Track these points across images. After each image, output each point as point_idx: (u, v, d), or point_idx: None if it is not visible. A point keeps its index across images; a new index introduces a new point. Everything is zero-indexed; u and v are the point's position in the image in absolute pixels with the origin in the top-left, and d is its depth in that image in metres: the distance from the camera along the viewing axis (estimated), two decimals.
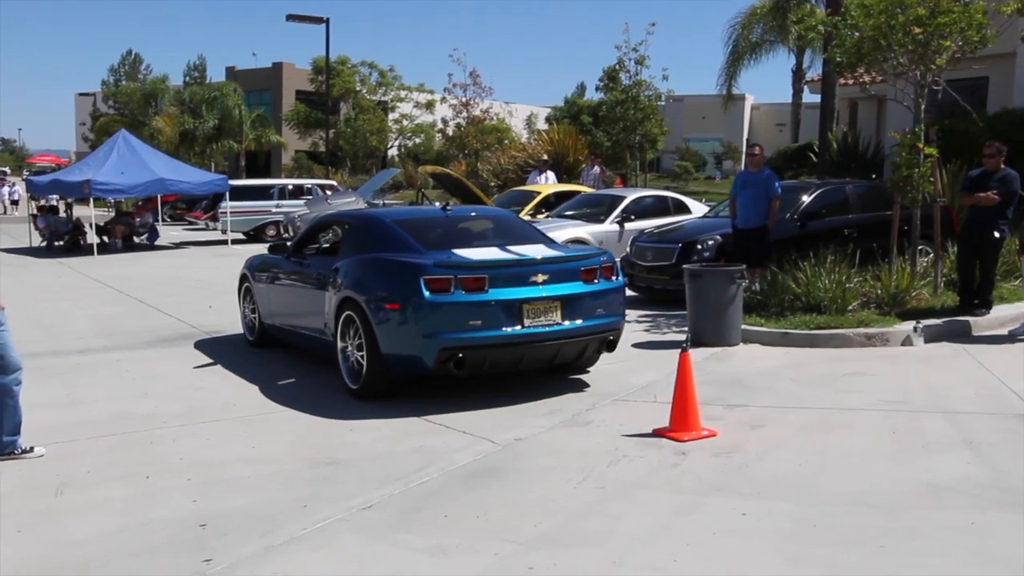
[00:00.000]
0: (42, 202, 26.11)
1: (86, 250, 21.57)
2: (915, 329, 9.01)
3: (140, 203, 26.71)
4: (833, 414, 6.66)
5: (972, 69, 12.60)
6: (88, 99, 69.51)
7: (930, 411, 6.62)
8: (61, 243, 22.66)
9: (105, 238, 22.69)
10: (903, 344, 8.91)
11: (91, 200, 22.11)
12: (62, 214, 24.81)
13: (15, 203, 42.31)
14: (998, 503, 4.81)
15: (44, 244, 22.84)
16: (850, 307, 9.57)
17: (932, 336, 9.05)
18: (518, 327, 6.86)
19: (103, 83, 75.14)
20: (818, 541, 4.40)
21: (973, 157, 12.28)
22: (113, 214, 25.81)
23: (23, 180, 43.11)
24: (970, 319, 9.47)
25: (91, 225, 22.42)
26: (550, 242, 8.16)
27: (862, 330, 9.03)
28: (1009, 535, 4.40)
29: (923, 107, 10.47)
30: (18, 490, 5.36)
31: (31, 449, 5.94)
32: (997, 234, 9.49)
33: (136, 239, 23.64)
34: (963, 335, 9.23)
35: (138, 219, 24.21)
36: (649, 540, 4.45)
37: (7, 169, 60.27)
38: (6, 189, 44.03)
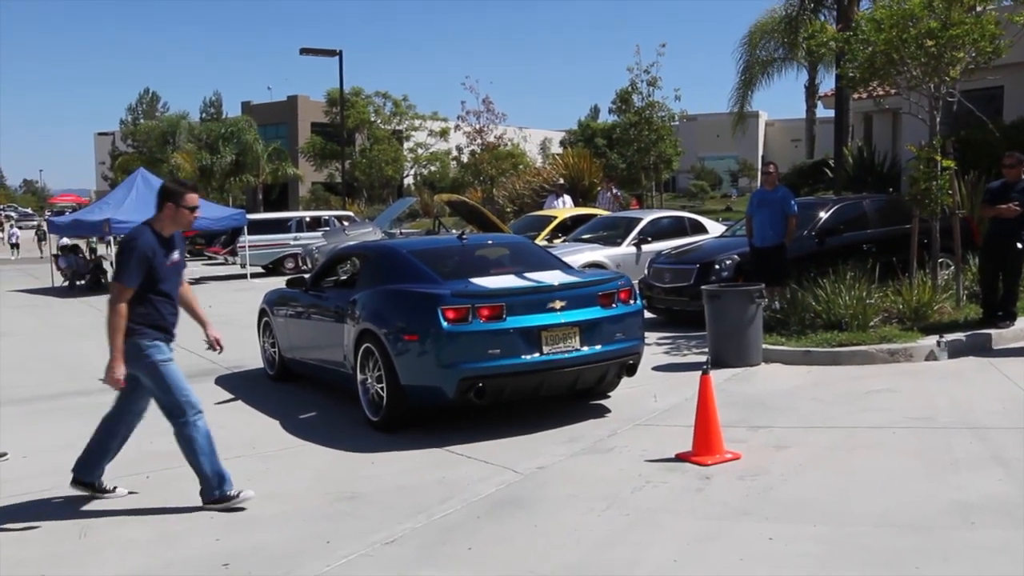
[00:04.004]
0: (67, 241, 26.37)
1: (107, 288, 21.70)
2: (938, 344, 8.91)
3: None
4: (858, 433, 6.57)
5: (987, 79, 12.52)
6: (107, 138, 70.58)
7: (957, 427, 6.53)
8: (83, 282, 22.86)
9: None
10: (927, 359, 8.81)
11: (112, 239, 22.29)
12: (83, 254, 25.00)
13: (15, 247, 42.01)
14: None
15: (66, 284, 23.04)
16: (872, 323, 9.48)
17: (956, 350, 8.94)
18: (537, 354, 6.83)
19: (121, 122, 76.33)
20: (849, 564, 4.33)
21: (991, 167, 12.21)
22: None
23: (44, 220, 43.48)
24: (994, 332, 9.35)
25: (111, 263, 22.60)
26: (567, 268, 8.15)
27: (885, 346, 8.94)
28: None
29: (938, 119, 10.41)
30: (42, 533, 5.37)
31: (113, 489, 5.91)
32: (1020, 245, 9.38)
33: None
34: (987, 348, 9.12)
35: None
36: (675, 568, 4.39)
37: (29, 210, 60.68)
38: (10, 230, 44.01)
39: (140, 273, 5.37)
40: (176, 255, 5.69)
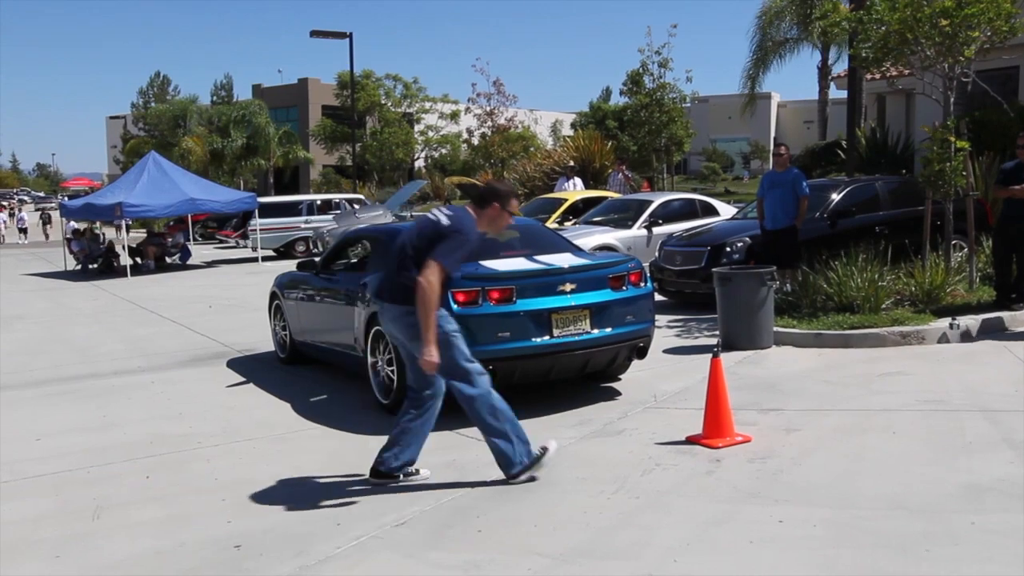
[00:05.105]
0: (75, 225, 26.50)
1: (119, 272, 21.84)
2: (951, 326, 8.87)
3: (171, 223, 27.03)
4: (869, 416, 6.55)
5: (1002, 59, 12.39)
6: (119, 122, 70.64)
7: (969, 410, 6.50)
8: (95, 266, 22.97)
9: (138, 259, 22.96)
10: (939, 342, 8.77)
11: (124, 222, 22.36)
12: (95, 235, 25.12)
13: (23, 231, 42.01)
14: None
15: (79, 267, 23.17)
16: (884, 306, 9.43)
17: (969, 333, 8.89)
18: (547, 337, 6.83)
19: (133, 105, 76.26)
20: (858, 547, 4.32)
21: (1006, 148, 12.11)
22: (145, 235, 26.12)
23: (58, 203, 43.54)
24: (1007, 314, 9.30)
25: (124, 247, 22.71)
26: (577, 250, 8.13)
27: (897, 329, 8.90)
28: None
29: (952, 100, 10.32)
30: (55, 514, 5.41)
31: (416, 472, 5.72)
32: None
33: (168, 259, 23.91)
34: (1001, 330, 9.07)
35: (170, 239, 24.51)
36: (684, 551, 4.39)
37: (42, 193, 60.67)
38: (5, 214, 43.87)
39: (461, 263, 5.42)
40: None
